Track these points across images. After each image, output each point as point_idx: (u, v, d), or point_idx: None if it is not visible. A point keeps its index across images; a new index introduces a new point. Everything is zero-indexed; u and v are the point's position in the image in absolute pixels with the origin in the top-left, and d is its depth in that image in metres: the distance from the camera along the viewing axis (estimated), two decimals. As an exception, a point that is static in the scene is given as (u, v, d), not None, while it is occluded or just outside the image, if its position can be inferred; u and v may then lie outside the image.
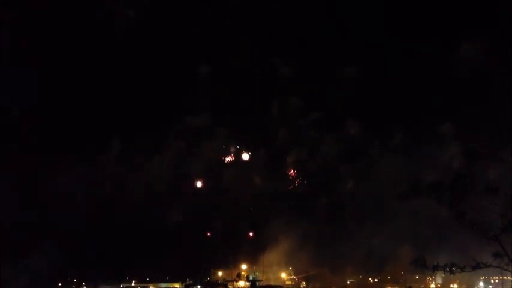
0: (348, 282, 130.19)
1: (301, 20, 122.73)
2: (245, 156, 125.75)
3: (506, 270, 27.80)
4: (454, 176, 26.28)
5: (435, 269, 28.97)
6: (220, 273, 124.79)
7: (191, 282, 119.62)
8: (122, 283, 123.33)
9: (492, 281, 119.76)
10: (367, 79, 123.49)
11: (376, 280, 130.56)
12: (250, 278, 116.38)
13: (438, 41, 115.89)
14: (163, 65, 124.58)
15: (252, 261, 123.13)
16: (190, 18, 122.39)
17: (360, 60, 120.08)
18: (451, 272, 28.11)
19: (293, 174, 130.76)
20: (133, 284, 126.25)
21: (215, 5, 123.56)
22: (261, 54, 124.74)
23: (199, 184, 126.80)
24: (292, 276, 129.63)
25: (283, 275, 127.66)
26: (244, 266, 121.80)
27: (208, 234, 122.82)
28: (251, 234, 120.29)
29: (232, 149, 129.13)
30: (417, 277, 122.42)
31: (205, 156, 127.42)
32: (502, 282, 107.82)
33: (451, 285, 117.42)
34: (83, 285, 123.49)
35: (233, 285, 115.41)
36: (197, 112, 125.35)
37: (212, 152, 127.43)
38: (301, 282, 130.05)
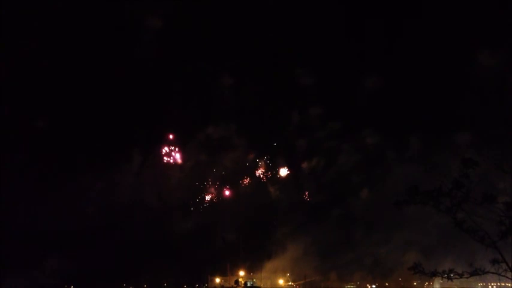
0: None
1: (321, 30, 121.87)
2: (259, 171, 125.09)
3: (504, 276, 27.87)
4: (452, 184, 26.40)
5: (433, 275, 28.96)
6: (217, 280, 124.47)
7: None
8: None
9: (490, 287, 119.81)
10: (385, 89, 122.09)
11: (374, 286, 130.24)
12: (248, 284, 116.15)
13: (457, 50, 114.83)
14: (182, 76, 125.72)
15: (251, 268, 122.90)
16: (210, 29, 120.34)
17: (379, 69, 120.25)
18: (449, 278, 28.12)
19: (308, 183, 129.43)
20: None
21: (237, 16, 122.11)
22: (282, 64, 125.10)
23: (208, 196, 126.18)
24: (290, 283, 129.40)
25: (281, 282, 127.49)
26: (242, 273, 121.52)
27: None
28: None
29: (250, 160, 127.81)
30: (415, 283, 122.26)
31: (220, 166, 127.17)
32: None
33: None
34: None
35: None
36: (217, 122, 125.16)
37: (228, 162, 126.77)
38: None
